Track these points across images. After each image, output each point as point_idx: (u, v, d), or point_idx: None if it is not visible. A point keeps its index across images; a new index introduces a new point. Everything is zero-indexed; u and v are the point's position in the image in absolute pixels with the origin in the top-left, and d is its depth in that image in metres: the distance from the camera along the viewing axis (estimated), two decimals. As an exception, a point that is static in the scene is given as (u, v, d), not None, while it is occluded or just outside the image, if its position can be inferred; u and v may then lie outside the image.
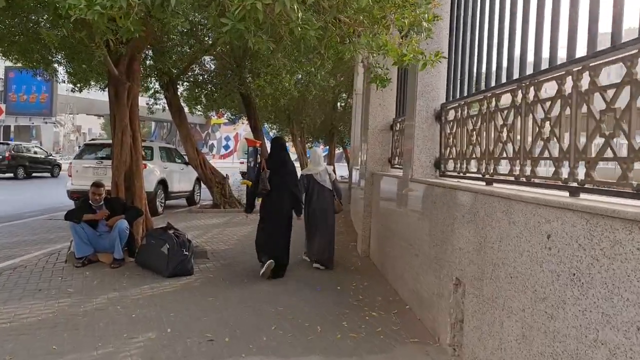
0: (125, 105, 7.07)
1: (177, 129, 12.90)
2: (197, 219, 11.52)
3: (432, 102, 5.24)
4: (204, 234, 9.28)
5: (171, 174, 13.61)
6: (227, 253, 7.53)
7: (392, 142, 7.48)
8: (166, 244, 5.93)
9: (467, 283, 3.57)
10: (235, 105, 21.38)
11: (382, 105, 7.62)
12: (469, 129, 4.36)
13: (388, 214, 6.43)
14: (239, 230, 9.97)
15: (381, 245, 6.75)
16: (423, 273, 4.63)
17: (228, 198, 13.04)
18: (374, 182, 7.59)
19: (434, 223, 4.37)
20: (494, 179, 3.80)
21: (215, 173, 13.25)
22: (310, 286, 5.77)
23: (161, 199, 12.94)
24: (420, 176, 5.20)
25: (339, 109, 28.78)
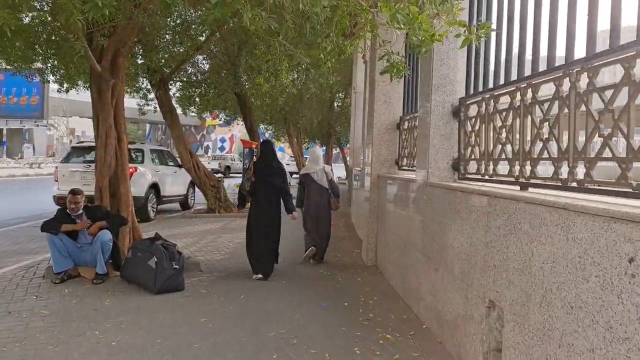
0: (109, 104, 6.49)
1: (169, 130, 12.30)
2: (191, 224, 10.93)
3: (449, 96, 4.69)
4: (197, 242, 8.69)
5: (163, 177, 13.02)
6: (222, 264, 6.95)
7: (400, 142, 6.92)
8: (154, 257, 5.34)
9: (505, 308, 3.01)
10: (229, 105, 20.82)
11: (387, 102, 7.06)
12: (496, 125, 3.81)
13: (398, 221, 5.87)
14: (235, 236, 9.38)
15: (390, 254, 6.19)
16: (445, 290, 4.07)
17: (223, 202, 12.46)
18: (380, 185, 7.03)
19: (458, 234, 3.81)
20: (530, 183, 3.25)
21: (210, 176, 12.66)
22: (314, 302, 5.21)
23: (153, 203, 12.35)
24: (437, 179, 4.65)
25: (336, 108, 28.27)
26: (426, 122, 4.79)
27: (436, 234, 4.36)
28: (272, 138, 32.95)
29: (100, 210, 5.96)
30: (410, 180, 5.43)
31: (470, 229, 3.57)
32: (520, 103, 3.39)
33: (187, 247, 8.07)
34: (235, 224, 11.03)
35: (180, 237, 9.18)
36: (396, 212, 6.01)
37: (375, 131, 7.06)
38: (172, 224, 10.94)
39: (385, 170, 7.05)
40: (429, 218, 4.59)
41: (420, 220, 4.85)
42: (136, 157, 12.32)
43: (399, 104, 7.05)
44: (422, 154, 4.92)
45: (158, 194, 12.66)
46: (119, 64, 6.58)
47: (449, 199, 4.07)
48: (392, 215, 6.25)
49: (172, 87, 19.15)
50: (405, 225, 5.47)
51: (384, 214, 6.70)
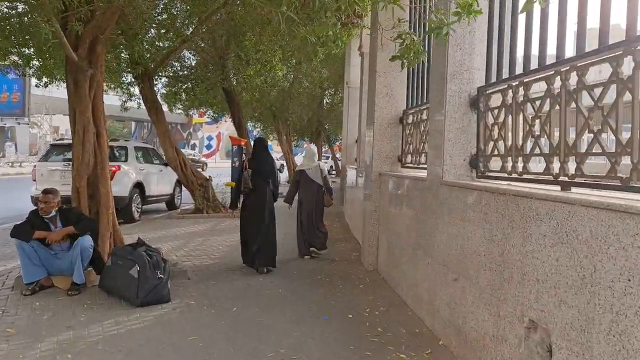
0: (86, 97, 5.92)
1: (154, 126, 11.72)
2: (178, 225, 10.36)
3: (466, 85, 4.21)
4: (184, 246, 8.14)
5: (148, 176, 12.43)
6: (212, 270, 6.41)
7: (403, 138, 6.44)
8: (136, 266, 4.79)
9: (554, 331, 2.52)
10: (217, 102, 20.27)
11: (389, 95, 6.56)
12: (527, 116, 3.34)
13: (404, 223, 5.37)
14: (225, 238, 8.84)
15: (395, 259, 5.70)
16: (467, 304, 3.59)
17: (211, 202, 11.90)
18: (381, 184, 6.53)
19: (485, 241, 3.32)
20: (575, 182, 2.78)
21: (197, 175, 12.09)
22: (314, 313, 4.70)
23: (137, 204, 11.76)
24: (453, 178, 4.17)
25: (326, 105, 27.79)
26: (440, 115, 4.30)
27: (454, 240, 3.87)
28: (261, 136, 32.41)
29: (72, 213, 5.37)
30: (419, 179, 4.94)
31: (502, 236, 3.08)
32: (562, 89, 2.91)
33: (174, 252, 7.52)
34: (224, 225, 10.49)
35: (166, 239, 8.63)
36: (402, 214, 5.52)
37: (376, 126, 6.56)
38: (158, 226, 10.37)
39: (387, 167, 6.56)
40: (445, 222, 4.10)
41: (433, 224, 4.36)
42: (119, 155, 11.73)
43: (401, 96, 6.56)
44: (435, 150, 4.43)
45: (143, 194, 12.08)
46: (98, 52, 6.01)
47: (471, 201, 3.59)
48: (396, 216, 5.76)
49: (158, 83, 18.57)
50: (414, 229, 4.98)
51: (387, 215, 6.21)
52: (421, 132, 5.59)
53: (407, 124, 6.27)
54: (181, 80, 15.58)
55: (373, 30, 6.75)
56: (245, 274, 6.20)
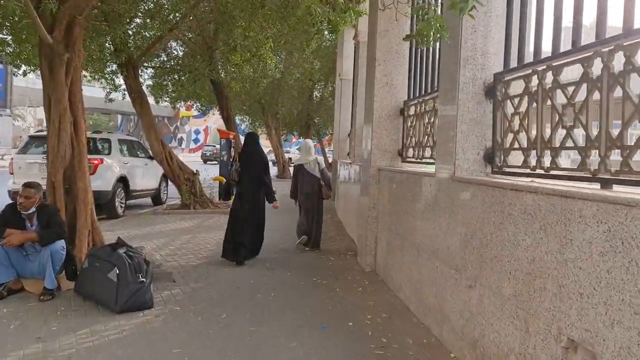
0: (62, 83, 5.44)
1: (139, 118, 11.22)
2: (163, 222, 9.90)
3: (480, 72, 3.82)
4: (169, 244, 7.69)
5: (133, 169, 11.94)
6: (199, 271, 5.97)
7: (404, 130, 6.04)
8: (115, 269, 4.35)
9: (604, 356, 2.15)
10: (205, 94, 19.78)
11: (389, 84, 6.17)
12: (557, 104, 2.96)
13: (407, 223, 4.99)
14: (213, 236, 8.41)
15: (396, 261, 5.32)
16: (486, 315, 3.21)
17: (198, 197, 11.44)
18: (380, 180, 6.14)
19: (510, 245, 2.94)
20: (619, 179, 2.41)
21: (184, 169, 11.61)
22: (311, 321, 4.30)
23: (121, 199, 11.27)
24: (466, 173, 3.78)
25: (316, 98, 27.35)
26: (451, 105, 3.91)
27: (469, 243, 3.49)
28: (249, 129, 31.89)
29: (46, 213, 4.88)
30: (425, 175, 4.55)
31: (533, 240, 2.70)
32: (604, 73, 2.53)
33: (158, 250, 7.07)
34: (212, 221, 10.05)
35: (151, 237, 8.18)
36: (404, 212, 5.13)
37: (375, 118, 6.16)
38: (142, 222, 9.90)
39: (386, 162, 6.17)
40: (457, 222, 3.72)
41: (444, 224, 3.97)
42: (102, 148, 11.24)
43: (402, 86, 6.16)
44: (445, 143, 4.04)
45: (127, 189, 11.59)
46: (75, 35, 5.53)
47: (491, 200, 3.20)
48: (398, 215, 5.37)
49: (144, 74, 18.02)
50: (419, 229, 4.59)
51: (387, 214, 5.82)
52: (425, 125, 5.20)
53: (409, 115, 5.88)
54: (168, 72, 15.10)
55: (372, 13, 6.36)
56: (234, 275, 5.79)
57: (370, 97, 6.32)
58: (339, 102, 14.45)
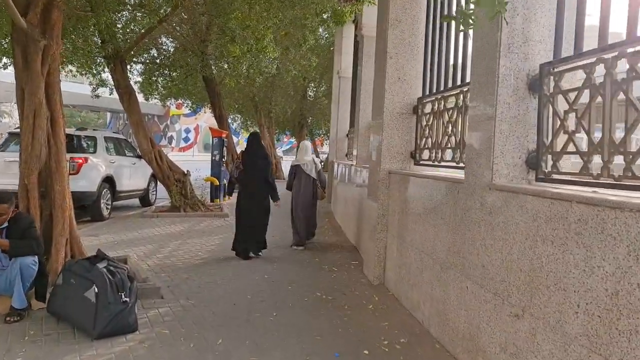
0: (38, 74, 4.83)
1: (126, 115, 10.59)
2: (151, 225, 9.28)
3: (523, 62, 3.27)
4: (157, 251, 7.08)
5: (120, 169, 11.31)
6: (191, 284, 5.38)
7: (418, 130, 5.49)
8: (93, 287, 3.76)
9: None
10: (197, 91, 19.19)
11: (402, 79, 5.62)
12: (634, 99, 2.42)
13: (427, 234, 4.43)
14: (205, 242, 7.82)
15: (412, 276, 4.76)
16: (542, 353, 2.65)
17: (189, 199, 10.81)
18: (391, 185, 5.58)
19: (580, 273, 2.38)
20: None
21: (174, 169, 10.98)
22: (322, 349, 3.72)
23: (107, 200, 10.64)
24: (504, 180, 3.24)
25: (310, 97, 26.83)
26: (487, 100, 3.37)
27: (516, 263, 2.94)
28: (241, 128, 31.25)
29: (21, 225, 4.22)
30: (450, 180, 4.00)
31: (615, 268, 2.15)
32: None
33: (145, 259, 6.46)
34: (203, 225, 9.44)
35: (137, 243, 7.56)
36: (423, 222, 4.57)
37: (385, 117, 5.60)
38: (129, 225, 9.27)
39: (397, 165, 5.62)
40: (497, 238, 3.17)
41: (477, 239, 3.42)
42: (87, 146, 10.60)
43: (416, 82, 5.62)
44: (478, 145, 3.49)
45: (113, 189, 10.96)
46: (53, 19, 4.93)
47: (548, 214, 2.64)
48: (413, 224, 4.81)
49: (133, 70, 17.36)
50: (443, 241, 4.04)
51: (399, 222, 5.26)
52: (445, 124, 4.65)
53: (424, 114, 5.33)
54: (158, 68, 14.48)
55: (383, 1, 5.81)
56: (230, 290, 5.21)
57: (380, 94, 5.76)
58: (336, 101, 13.89)
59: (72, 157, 9.84)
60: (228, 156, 15.85)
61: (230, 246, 6.82)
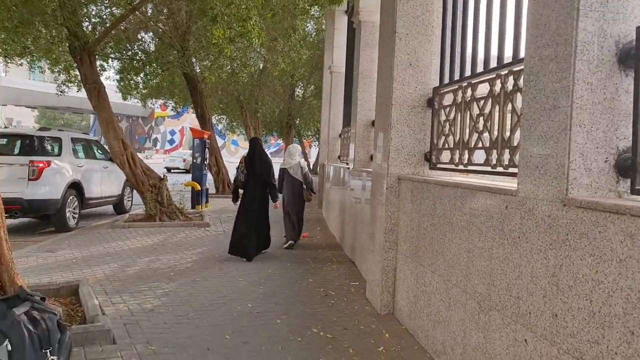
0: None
1: (95, 113, 9.49)
2: (120, 238, 8.19)
3: (613, 25, 2.30)
4: (121, 271, 6.01)
5: (89, 174, 10.25)
6: (156, 321, 4.31)
7: (434, 127, 4.51)
8: (6, 342, 2.71)
9: None
10: (178, 90, 18.15)
11: (413, 66, 4.63)
12: None
13: (456, 259, 3.43)
14: (181, 257, 6.76)
15: (433, 309, 3.76)
16: None
17: (166, 206, 9.72)
18: (402, 194, 4.59)
19: None
20: None
21: (149, 173, 9.89)
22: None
23: (74, 208, 9.55)
24: (585, 192, 2.27)
25: (298, 97, 25.85)
26: (557, 80, 2.39)
27: (620, 321, 1.95)
28: (227, 130, 30.17)
29: None
30: (493, 191, 3.00)
31: None
32: None
33: (104, 284, 5.40)
34: (181, 237, 8.38)
35: (99, 261, 6.49)
36: (450, 243, 3.58)
37: (394, 111, 4.61)
38: (95, 238, 8.17)
39: (409, 169, 4.63)
40: (581, 277, 2.18)
41: (542, 275, 2.43)
42: (51, 148, 9.52)
43: (430, 69, 4.64)
44: (541, 144, 2.51)
45: (82, 196, 9.87)
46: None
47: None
48: (436, 245, 3.82)
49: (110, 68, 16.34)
50: (482, 272, 3.05)
51: (415, 241, 4.26)
52: (475, 118, 3.68)
53: (442, 106, 4.36)
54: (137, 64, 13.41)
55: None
56: (204, 328, 4.17)
57: (387, 85, 4.77)
58: (327, 99, 12.90)
59: (32, 160, 8.78)
60: (211, 158, 14.78)
61: (210, 260, 5.93)
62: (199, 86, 15.18)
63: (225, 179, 16.05)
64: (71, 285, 4.74)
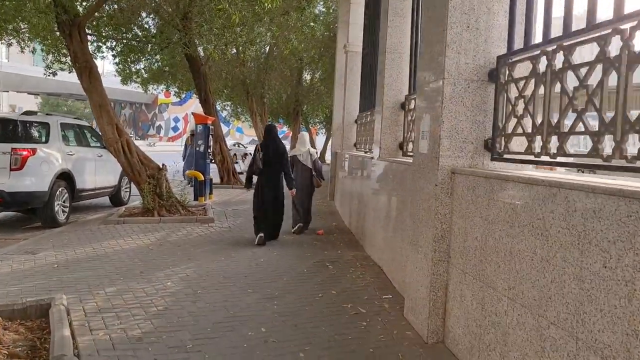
0: None
1: (86, 95, 8.51)
2: (112, 236, 7.25)
3: None
4: (107, 281, 5.05)
5: (81, 163, 9.33)
6: (144, 357, 3.38)
7: (501, 106, 3.52)
8: None
9: None
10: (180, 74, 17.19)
11: (473, 28, 3.63)
12: None
13: (563, 292, 2.46)
14: (180, 261, 5.82)
15: (515, 348, 2.79)
16: None
17: (165, 199, 8.76)
18: (456, 192, 3.61)
19: None
20: None
21: (146, 163, 8.93)
22: None
23: (64, 200, 8.62)
24: None
25: (305, 82, 24.82)
26: None
27: None
28: (232, 116, 29.19)
29: None
30: (628, 196, 2.03)
31: None
32: None
33: (85, 298, 4.45)
34: (180, 235, 7.43)
35: (83, 267, 5.56)
36: (543, 263, 2.60)
37: (446, 87, 3.61)
38: (84, 236, 7.24)
39: (465, 160, 3.65)
40: None
41: None
42: (38, 135, 8.59)
43: (494, 32, 3.64)
44: None
45: (73, 188, 8.95)
46: None
47: None
48: (517, 264, 2.84)
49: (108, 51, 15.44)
50: (606, 311, 2.09)
51: (479, 254, 3.29)
52: (572, 92, 2.69)
53: (513, 79, 3.37)
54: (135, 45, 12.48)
55: None
56: None
57: (435, 54, 3.77)
58: (340, 81, 11.89)
59: (14, 148, 7.83)
60: (215, 145, 13.82)
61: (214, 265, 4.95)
62: (202, 69, 14.18)
63: (230, 167, 15.06)
64: (41, 305, 3.80)
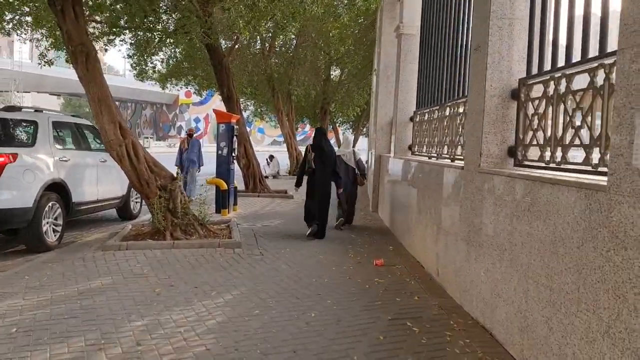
0: None
1: (82, 85, 6.78)
2: (108, 270, 5.48)
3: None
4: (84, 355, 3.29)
5: (78, 170, 7.64)
6: None
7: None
8: None
9: None
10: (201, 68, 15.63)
11: None
12: None
13: None
14: (195, 325, 4.01)
15: None
16: None
17: (180, 217, 6.98)
18: None
19: None
20: None
21: (157, 171, 7.16)
22: None
23: (55, 217, 6.92)
24: None
25: (334, 79, 23.07)
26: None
27: None
28: (255, 116, 27.58)
29: None
30: None
31: None
32: None
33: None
34: (200, 272, 5.62)
35: (53, 333, 3.76)
36: None
37: None
38: (71, 269, 5.48)
39: None
40: None
41: None
42: (21, 137, 6.91)
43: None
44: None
45: (67, 201, 7.26)
46: None
47: None
48: None
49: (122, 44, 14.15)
50: None
51: None
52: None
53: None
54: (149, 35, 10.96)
55: None
56: None
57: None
58: (386, 72, 10.08)
59: (-8, 152, 6.15)
60: (239, 148, 12.03)
61: (245, 328, 3.13)
62: (225, 61, 12.46)
63: (256, 173, 13.27)
64: None
